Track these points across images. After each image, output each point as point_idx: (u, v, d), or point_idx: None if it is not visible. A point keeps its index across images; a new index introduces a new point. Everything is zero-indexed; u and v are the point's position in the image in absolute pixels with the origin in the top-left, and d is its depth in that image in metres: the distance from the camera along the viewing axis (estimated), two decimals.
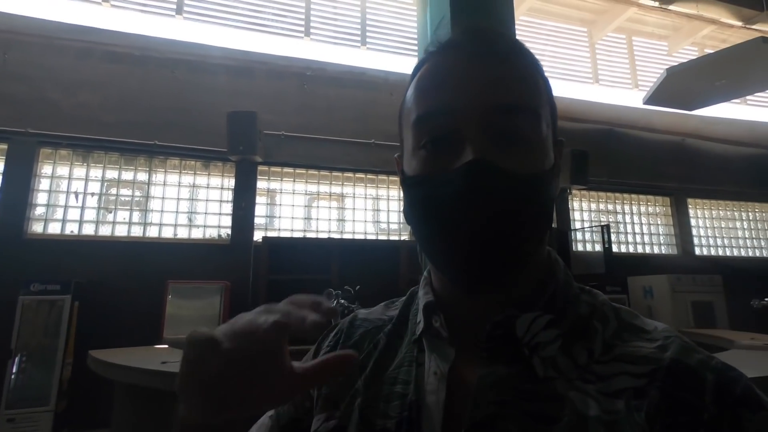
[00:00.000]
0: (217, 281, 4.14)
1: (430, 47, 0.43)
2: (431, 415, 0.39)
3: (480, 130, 0.37)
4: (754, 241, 7.04)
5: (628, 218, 6.38)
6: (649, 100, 5.14)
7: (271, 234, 4.81)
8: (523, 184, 0.37)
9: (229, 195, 4.80)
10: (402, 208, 0.46)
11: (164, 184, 4.61)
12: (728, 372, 0.34)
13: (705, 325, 5.03)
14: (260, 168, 4.92)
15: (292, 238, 4.81)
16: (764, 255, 6.99)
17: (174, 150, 4.63)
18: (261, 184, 4.94)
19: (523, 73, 0.40)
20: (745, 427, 0.30)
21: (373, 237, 5.22)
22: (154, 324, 3.86)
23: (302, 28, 5.45)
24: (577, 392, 0.35)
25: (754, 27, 6.01)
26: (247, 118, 4.50)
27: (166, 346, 3.19)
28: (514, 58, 0.40)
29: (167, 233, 4.53)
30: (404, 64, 5.68)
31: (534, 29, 6.41)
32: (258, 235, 4.74)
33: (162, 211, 4.54)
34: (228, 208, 4.77)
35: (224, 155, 4.66)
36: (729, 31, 6.38)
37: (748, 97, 7.03)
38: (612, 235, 5.84)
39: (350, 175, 5.30)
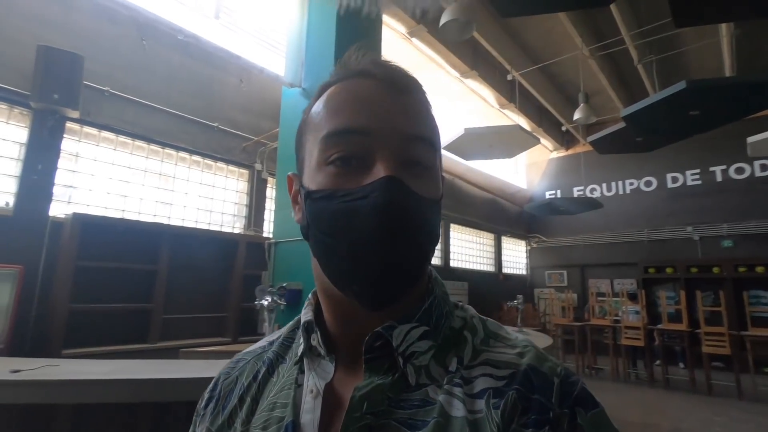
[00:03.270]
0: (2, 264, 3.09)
1: (337, 71, 0.45)
2: None
3: (392, 154, 0.39)
4: (484, 258, 9.93)
5: None
6: (447, 147, 6.70)
7: (75, 210, 3.86)
8: (425, 205, 0.40)
9: (15, 150, 3.61)
10: (302, 227, 0.44)
11: None
12: (569, 377, 0.38)
13: None
14: (68, 125, 3.90)
15: (110, 218, 3.99)
16: (486, 269, 9.93)
17: None
18: (67, 145, 3.91)
19: (427, 110, 0.44)
20: (579, 423, 0.35)
21: (204, 227, 4.86)
22: None
23: None
24: (446, 395, 0.38)
25: (504, 111, 8.61)
26: (69, 61, 3.58)
27: None
28: (419, 92, 0.43)
29: None
30: (258, 54, 5.56)
31: None
32: (56, 209, 3.74)
33: None
34: (12, 167, 3.58)
35: (23, 98, 3.52)
36: (490, 110, 8.90)
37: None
38: None
39: (185, 156, 4.79)
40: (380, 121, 0.40)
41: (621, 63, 7.47)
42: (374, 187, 0.37)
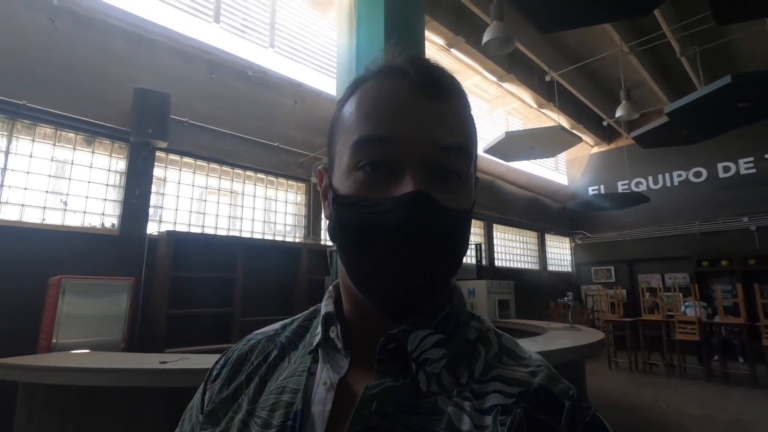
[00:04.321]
0: (115, 277, 3.66)
1: (372, 66, 0.43)
2: (314, 425, 0.39)
3: (421, 163, 0.38)
4: (528, 257, 10.00)
5: None
6: (488, 150, 6.91)
7: (164, 227, 4.43)
8: (455, 218, 0.39)
9: (116, 178, 4.21)
10: (329, 226, 0.44)
11: (30, 156, 3.74)
12: (581, 402, 0.38)
13: (503, 317, 7.04)
14: (157, 154, 4.48)
15: (197, 234, 4.55)
16: (531, 267, 9.99)
17: (48, 116, 3.81)
18: (156, 171, 4.49)
19: (463, 114, 0.42)
20: None
21: (270, 237, 5.35)
22: (28, 328, 3.19)
23: (211, 12, 5.18)
24: (455, 408, 0.38)
25: (543, 110, 8.68)
26: (159, 100, 4.13)
27: (87, 351, 2.80)
28: (455, 96, 0.41)
29: (31, 217, 3.69)
30: (309, 76, 6.02)
31: None
32: (150, 228, 4.31)
33: (25, 189, 3.68)
34: (114, 193, 4.18)
35: (121, 134, 4.11)
36: (529, 110, 8.99)
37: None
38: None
39: (251, 174, 5.30)
40: (411, 128, 0.38)
41: (663, 55, 7.39)
42: (400, 202, 0.36)
